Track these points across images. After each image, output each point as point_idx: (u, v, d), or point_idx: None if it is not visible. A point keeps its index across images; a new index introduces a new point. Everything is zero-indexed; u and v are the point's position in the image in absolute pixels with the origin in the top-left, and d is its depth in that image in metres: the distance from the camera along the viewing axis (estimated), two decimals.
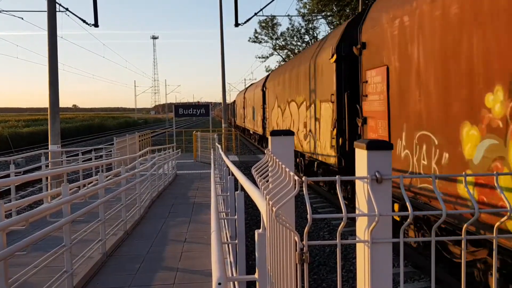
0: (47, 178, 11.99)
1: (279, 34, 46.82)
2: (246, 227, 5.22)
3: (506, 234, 4.10)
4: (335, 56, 9.65)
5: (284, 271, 1.65)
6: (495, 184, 1.43)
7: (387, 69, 6.77)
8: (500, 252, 4.49)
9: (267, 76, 23.23)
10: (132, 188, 9.31)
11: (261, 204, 2.12)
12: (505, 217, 1.40)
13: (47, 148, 13.41)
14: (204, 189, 13.14)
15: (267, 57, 49.68)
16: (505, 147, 3.99)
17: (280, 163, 1.73)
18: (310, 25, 44.75)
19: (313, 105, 11.71)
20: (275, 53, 48.47)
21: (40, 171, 12.70)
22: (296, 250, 1.36)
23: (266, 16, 43.50)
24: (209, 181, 12.95)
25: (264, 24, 46.14)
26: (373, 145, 1.33)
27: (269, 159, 2.05)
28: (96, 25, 19.23)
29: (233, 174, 5.17)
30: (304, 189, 1.30)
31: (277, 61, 57.95)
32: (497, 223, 1.45)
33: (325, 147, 10.51)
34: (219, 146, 13.23)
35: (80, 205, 6.94)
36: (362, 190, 1.38)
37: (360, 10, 25.19)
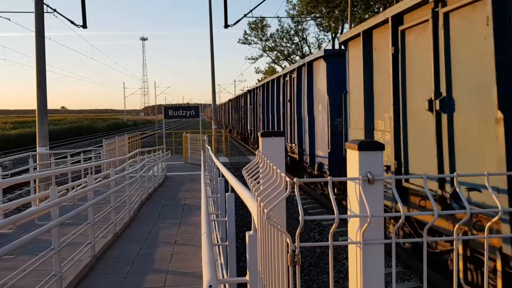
0: (35, 180, 11.86)
1: (268, 35, 46.92)
2: (236, 229, 5.20)
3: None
4: None
5: (275, 272, 1.64)
6: (486, 184, 1.44)
7: None
8: None
9: None
10: (122, 190, 9.24)
11: (252, 206, 2.11)
12: (496, 217, 1.41)
13: (35, 150, 13.26)
14: (194, 191, 13.10)
15: (257, 59, 49.80)
16: None
17: (271, 164, 1.72)
18: (300, 27, 44.91)
19: None
20: (265, 54, 48.56)
21: (28, 173, 12.58)
22: (287, 252, 1.35)
23: (256, 17, 43.58)
24: (199, 182, 12.91)
25: (253, 26, 46.21)
26: (365, 146, 1.33)
27: (260, 161, 2.04)
28: (84, 26, 19.11)
29: (223, 176, 5.16)
30: (295, 190, 1.29)
31: (267, 63, 57.76)
32: (488, 223, 1.46)
33: None
34: (209, 147, 13.19)
35: (69, 208, 6.88)
36: (353, 191, 1.37)
37: (349, 12, 25.30)
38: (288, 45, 46.71)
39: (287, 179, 1.40)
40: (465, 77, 4.97)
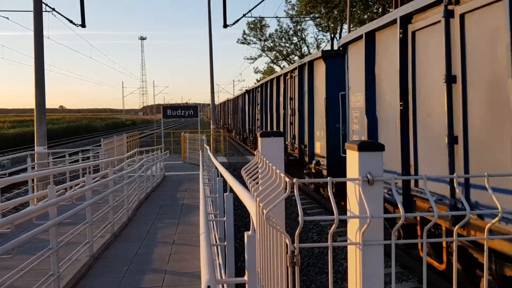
0: (33, 180, 11.84)
1: (267, 35, 46.96)
2: (235, 229, 5.20)
3: None
4: None
5: (274, 273, 1.64)
6: (486, 185, 1.43)
7: None
8: None
9: None
10: (120, 190, 9.23)
11: (251, 206, 2.11)
12: (497, 218, 1.40)
13: (33, 150, 13.24)
14: (193, 191, 13.09)
15: (256, 59, 49.84)
16: None
17: (270, 164, 1.71)
18: (299, 27, 44.96)
19: None
20: (264, 54, 48.60)
21: (26, 173, 12.55)
22: (286, 253, 1.35)
23: (255, 17, 43.56)
24: (198, 182, 12.90)
25: (252, 26, 46.26)
26: (365, 146, 1.32)
27: (259, 161, 2.03)
28: (83, 25, 19.10)
29: (222, 176, 5.15)
30: (295, 191, 1.28)
31: (266, 63, 57.86)
32: (488, 225, 1.45)
33: None
34: (207, 147, 13.18)
35: (67, 207, 6.85)
36: (353, 191, 1.37)
37: (348, 12, 25.31)
38: (287, 45, 46.79)
39: (287, 179, 1.40)
40: None
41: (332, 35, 39.94)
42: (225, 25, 22.99)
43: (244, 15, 24.10)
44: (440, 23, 5.23)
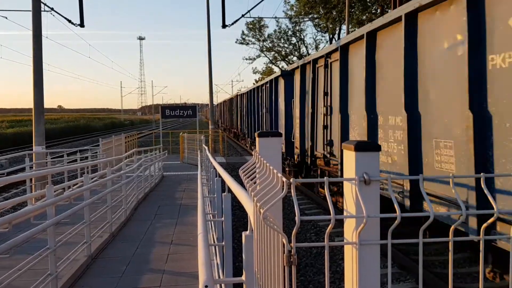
0: (31, 179, 11.82)
1: (266, 36, 46.93)
2: (233, 229, 5.20)
3: None
4: None
5: (271, 273, 1.64)
6: (482, 185, 1.44)
7: None
8: None
9: None
10: (118, 189, 9.22)
11: (249, 206, 2.11)
12: (492, 218, 1.41)
13: (32, 149, 13.22)
14: (191, 191, 13.09)
15: (254, 59, 49.76)
16: None
17: (267, 164, 1.72)
18: (297, 27, 44.95)
19: None
20: (262, 54, 48.57)
21: (24, 172, 12.53)
22: (284, 252, 1.35)
23: (254, 18, 43.55)
24: (196, 182, 12.89)
25: (251, 26, 46.21)
26: (362, 146, 1.33)
27: (257, 161, 2.04)
28: (82, 25, 19.07)
29: (220, 176, 5.15)
30: (292, 190, 1.29)
31: (264, 63, 57.67)
32: (484, 225, 1.46)
33: None
34: (206, 147, 13.19)
35: (65, 207, 6.86)
36: (350, 191, 1.37)
37: (346, 13, 25.32)
38: (286, 45, 46.73)
39: (284, 179, 1.40)
40: None
41: (331, 36, 39.94)
42: (224, 26, 22.96)
43: (243, 16, 24.09)
44: None
